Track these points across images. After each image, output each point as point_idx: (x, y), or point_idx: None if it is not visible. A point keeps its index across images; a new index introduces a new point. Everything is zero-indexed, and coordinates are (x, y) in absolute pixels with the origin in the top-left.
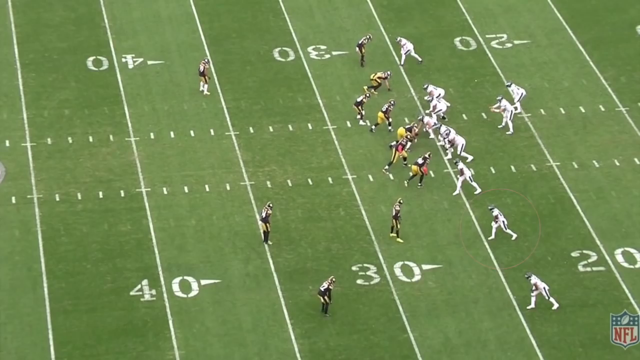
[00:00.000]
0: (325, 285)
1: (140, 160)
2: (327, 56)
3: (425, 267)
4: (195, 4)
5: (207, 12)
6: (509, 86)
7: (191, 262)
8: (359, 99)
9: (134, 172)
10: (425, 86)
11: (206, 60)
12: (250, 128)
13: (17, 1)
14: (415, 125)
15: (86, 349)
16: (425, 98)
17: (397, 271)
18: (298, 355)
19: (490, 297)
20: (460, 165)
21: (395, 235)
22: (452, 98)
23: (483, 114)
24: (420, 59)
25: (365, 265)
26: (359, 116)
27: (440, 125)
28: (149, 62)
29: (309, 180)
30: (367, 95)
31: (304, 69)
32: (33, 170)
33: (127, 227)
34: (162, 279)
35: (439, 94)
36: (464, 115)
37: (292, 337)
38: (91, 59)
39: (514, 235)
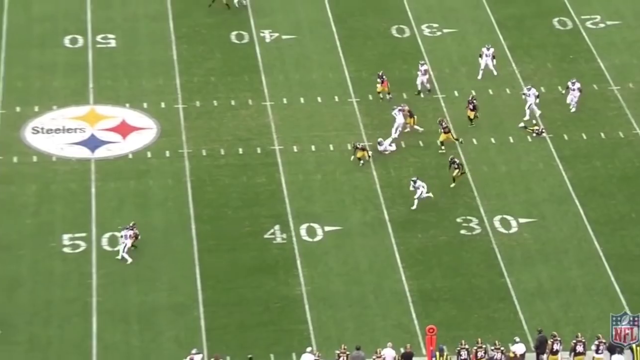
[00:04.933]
0: None
1: (274, 122)
2: (439, 33)
3: (521, 220)
4: None
5: None
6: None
7: (317, 211)
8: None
9: (269, 132)
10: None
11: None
12: (370, 95)
13: None
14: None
15: (227, 283)
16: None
17: (497, 223)
18: (408, 294)
19: (579, 248)
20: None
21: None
22: (549, 72)
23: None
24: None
25: (468, 217)
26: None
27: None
28: (284, 37)
29: (420, 142)
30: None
31: (418, 45)
32: (184, 128)
33: (263, 180)
34: (291, 225)
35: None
36: (559, 87)
37: (403, 278)
38: (234, 33)
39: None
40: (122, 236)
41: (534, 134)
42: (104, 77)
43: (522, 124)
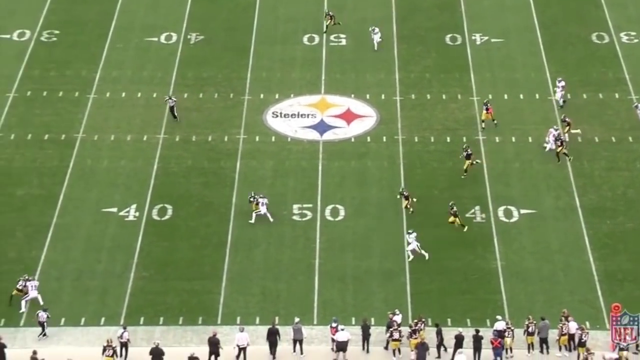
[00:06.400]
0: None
1: (479, 115)
2: (636, 41)
3: None
4: None
5: (540, 2)
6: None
7: (514, 195)
8: None
9: (474, 124)
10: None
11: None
12: (568, 94)
13: None
14: None
15: (431, 253)
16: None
17: None
18: (595, 273)
19: None
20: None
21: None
22: None
23: None
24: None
25: None
26: None
27: None
28: (492, 40)
29: (613, 138)
30: None
31: (615, 50)
32: (400, 117)
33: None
34: (490, 206)
35: None
36: None
37: (591, 259)
38: (449, 36)
39: (427, 255)
40: (259, 203)
41: None
42: (334, 71)
43: None
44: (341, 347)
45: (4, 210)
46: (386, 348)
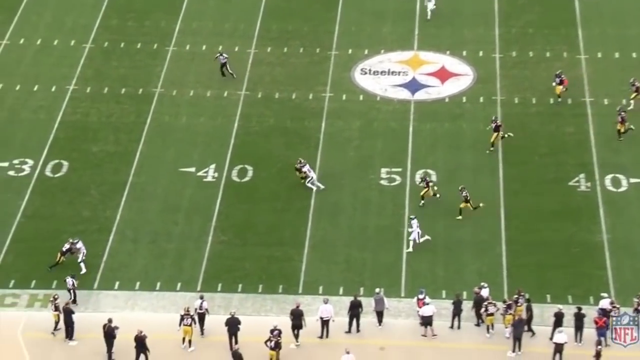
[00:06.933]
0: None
1: (587, 75)
2: None
3: None
4: None
5: None
6: None
7: (623, 162)
8: None
9: (581, 84)
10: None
11: None
12: None
13: None
14: None
15: (530, 224)
16: None
17: None
18: None
19: None
20: None
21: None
22: None
23: None
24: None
25: None
26: None
27: None
28: None
29: None
30: None
31: None
32: (499, 76)
33: (571, 129)
34: (596, 174)
35: None
36: None
37: None
38: None
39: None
40: (306, 170)
41: None
42: (429, 25)
43: None
44: (427, 321)
45: (78, 167)
46: (477, 324)
